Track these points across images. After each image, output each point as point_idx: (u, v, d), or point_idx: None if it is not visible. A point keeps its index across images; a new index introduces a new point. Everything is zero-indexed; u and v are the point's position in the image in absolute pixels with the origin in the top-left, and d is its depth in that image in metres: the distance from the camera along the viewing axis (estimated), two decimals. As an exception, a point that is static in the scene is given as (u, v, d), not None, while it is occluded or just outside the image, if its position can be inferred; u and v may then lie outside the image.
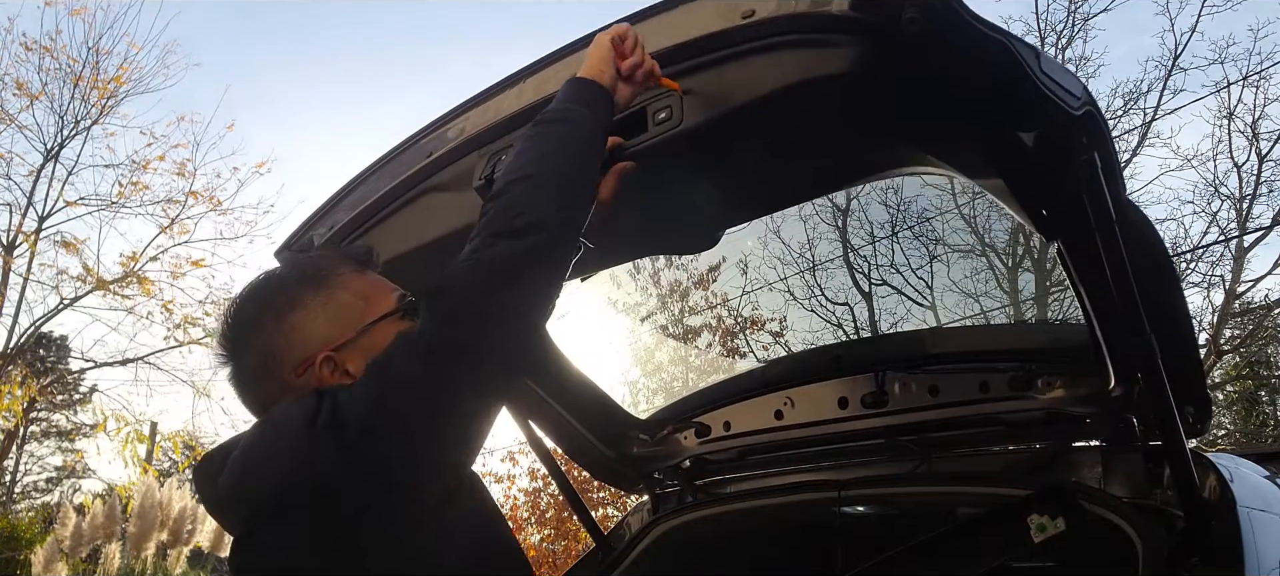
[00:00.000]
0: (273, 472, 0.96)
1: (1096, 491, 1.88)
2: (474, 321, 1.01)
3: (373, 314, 1.12)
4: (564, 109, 1.20)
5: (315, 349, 1.08)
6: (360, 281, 1.15)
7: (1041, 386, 1.98)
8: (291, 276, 1.15)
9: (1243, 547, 1.54)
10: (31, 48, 12.41)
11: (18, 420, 11.65)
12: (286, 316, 1.09)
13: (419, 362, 0.97)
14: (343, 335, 1.09)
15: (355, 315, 1.11)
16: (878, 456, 2.35)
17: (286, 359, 1.08)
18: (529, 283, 1.04)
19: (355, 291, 1.13)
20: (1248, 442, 17.03)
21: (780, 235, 4.69)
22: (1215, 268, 13.04)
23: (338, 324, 1.10)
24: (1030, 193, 1.35)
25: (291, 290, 1.12)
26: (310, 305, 1.10)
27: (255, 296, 1.14)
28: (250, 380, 1.11)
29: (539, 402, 2.31)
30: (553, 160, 1.14)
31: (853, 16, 1.07)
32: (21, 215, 12.74)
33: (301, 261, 1.20)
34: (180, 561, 10.91)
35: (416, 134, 1.62)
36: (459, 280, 1.02)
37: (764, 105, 1.22)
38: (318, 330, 1.09)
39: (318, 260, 1.19)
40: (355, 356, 1.08)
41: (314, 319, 1.09)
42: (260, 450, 1.00)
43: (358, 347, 1.08)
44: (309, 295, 1.11)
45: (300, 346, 1.08)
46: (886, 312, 5.84)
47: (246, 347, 1.10)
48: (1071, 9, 12.45)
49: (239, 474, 1.00)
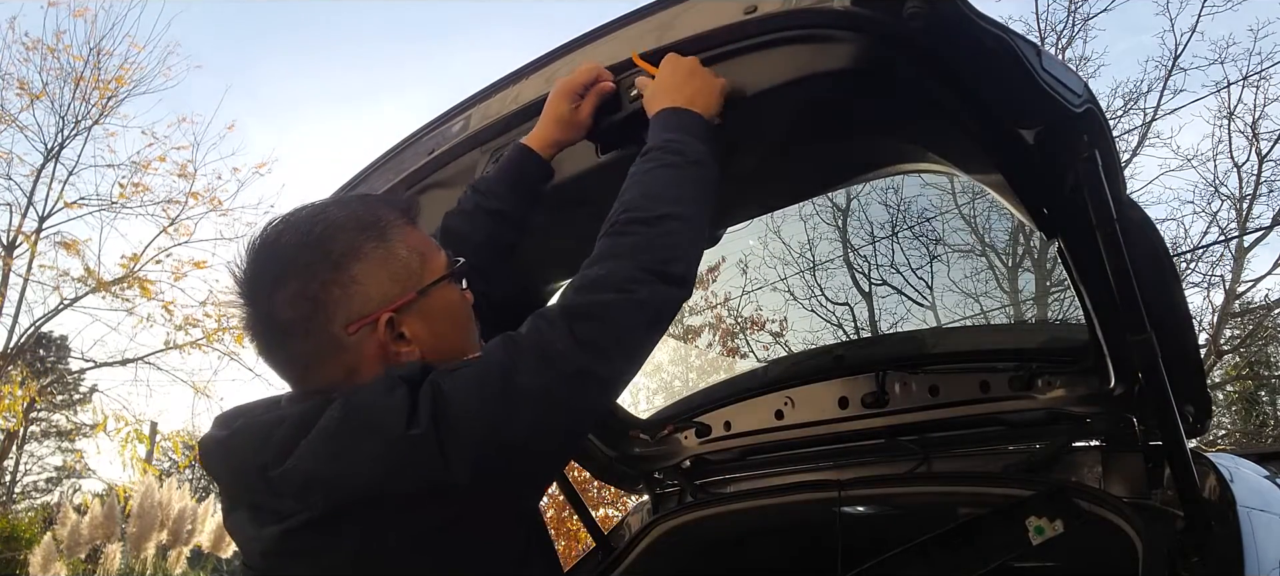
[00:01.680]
0: (363, 474, 0.87)
1: (1096, 491, 1.88)
2: (620, 357, 0.99)
3: (430, 274, 1.05)
4: (702, 151, 1.16)
5: (375, 307, 0.98)
6: (414, 236, 1.06)
7: (1042, 386, 1.98)
8: (345, 220, 1.01)
9: (1243, 547, 1.54)
10: (33, 47, 12.42)
11: (18, 420, 11.64)
12: (346, 266, 0.98)
13: (544, 379, 0.92)
14: (403, 295, 1.00)
15: (414, 273, 1.03)
16: (878, 456, 2.35)
17: (338, 313, 0.97)
18: (661, 331, 1.04)
19: (412, 247, 1.04)
20: (1248, 442, 17.03)
21: (780, 235, 4.69)
22: (1215, 268, 13.05)
23: (398, 282, 1.01)
24: (1031, 190, 1.35)
25: (349, 236, 1.00)
26: (371, 257, 1.00)
27: (302, 236, 1.00)
28: (282, 331, 0.98)
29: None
30: (700, 210, 1.12)
31: (855, 12, 1.07)
32: (21, 215, 12.75)
33: (352, 204, 1.05)
34: (180, 561, 10.92)
35: (417, 132, 1.62)
36: (611, 310, 0.98)
37: (765, 101, 1.23)
38: (379, 286, 0.99)
39: (372, 206, 1.06)
40: (413, 319, 1.01)
41: (375, 273, 0.99)
42: (346, 444, 0.89)
43: (417, 309, 1.01)
44: (370, 245, 1.00)
45: (360, 301, 0.97)
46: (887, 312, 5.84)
47: (283, 292, 0.97)
48: (1071, 9, 12.45)
49: (312, 460, 0.89)
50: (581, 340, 0.95)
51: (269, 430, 0.94)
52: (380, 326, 0.98)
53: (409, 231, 1.05)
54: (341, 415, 0.90)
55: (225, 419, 1.02)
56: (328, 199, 1.06)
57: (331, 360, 0.98)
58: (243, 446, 0.96)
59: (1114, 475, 1.96)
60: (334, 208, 1.03)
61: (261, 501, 0.94)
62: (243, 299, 1.01)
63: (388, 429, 0.87)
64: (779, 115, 1.28)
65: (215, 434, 1.00)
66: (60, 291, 12.34)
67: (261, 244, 1.01)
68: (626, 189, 1.12)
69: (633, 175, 1.14)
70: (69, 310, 12.50)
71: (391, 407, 0.88)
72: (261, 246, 1.01)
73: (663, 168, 1.13)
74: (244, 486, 0.96)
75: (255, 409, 1.02)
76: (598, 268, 1.02)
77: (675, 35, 1.28)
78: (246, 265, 1.00)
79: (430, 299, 1.03)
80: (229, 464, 0.98)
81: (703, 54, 1.25)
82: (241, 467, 0.96)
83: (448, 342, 1.05)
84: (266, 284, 0.98)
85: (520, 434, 0.91)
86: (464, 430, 0.87)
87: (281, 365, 1.01)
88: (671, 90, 1.22)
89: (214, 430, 1.01)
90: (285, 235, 1.00)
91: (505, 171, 1.36)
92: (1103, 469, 1.99)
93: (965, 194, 5.57)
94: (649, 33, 1.32)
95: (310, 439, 0.90)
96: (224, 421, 1.02)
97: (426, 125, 1.61)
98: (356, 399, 0.91)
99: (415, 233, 1.06)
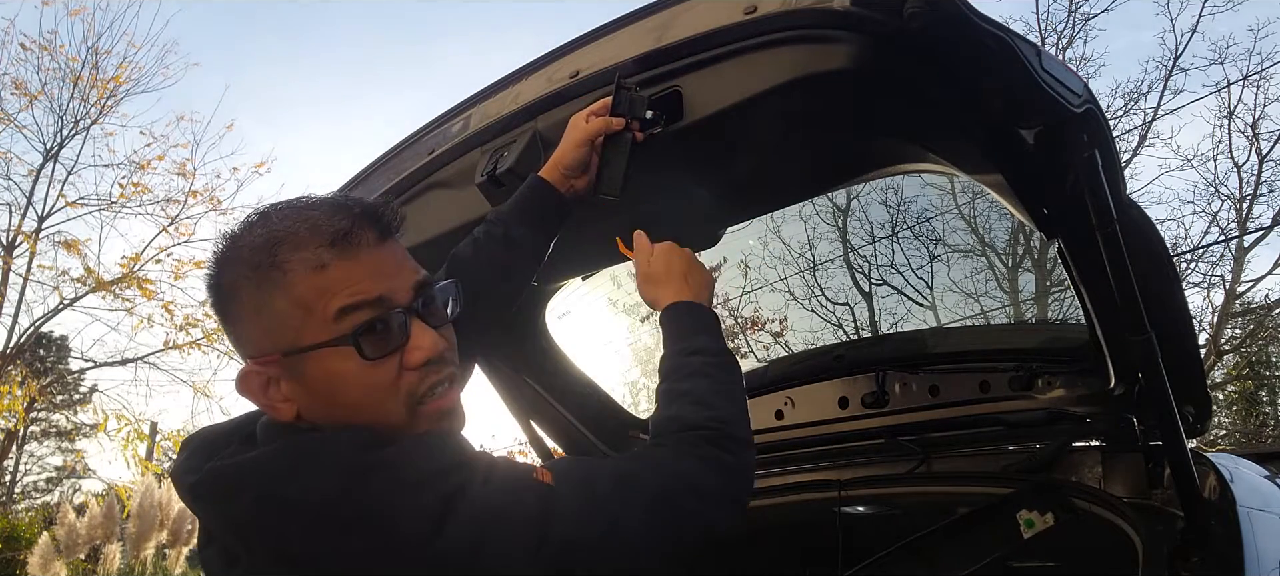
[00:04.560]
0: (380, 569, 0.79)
1: (1096, 491, 1.88)
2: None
3: (308, 337, 0.88)
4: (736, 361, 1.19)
5: (252, 353, 0.91)
6: (312, 282, 0.88)
7: (1042, 386, 1.98)
8: (244, 249, 0.90)
9: (1243, 547, 1.54)
10: (30, 47, 12.43)
11: (18, 420, 11.64)
12: (227, 304, 0.92)
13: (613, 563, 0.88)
14: (271, 353, 0.90)
15: (289, 331, 0.89)
16: (878, 456, 2.35)
17: (239, 351, 0.94)
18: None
19: (298, 299, 0.89)
20: (1248, 442, 17.04)
21: (780, 235, 4.69)
22: (1215, 268, 13.08)
23: (271, 337, 0.89)
24: (1031, 190, 1.35)
25: (235, 271, 0.91)
26: (247, 302, 0.90)
27: (217, 252, 0.92)
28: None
29: (540, 402, 2.31)
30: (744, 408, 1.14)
31: (855, 12, 1.07)
32: (21, 215, 12.76)
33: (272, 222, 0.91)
34: (180, 561, 10.91)
35: (418, 131, 1.63)
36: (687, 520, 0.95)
37: (765, 102, 1.22)
38: (252, 335, 0.91)
39: (281, 237, 0.89)
40: (287, 381, 0.91)
41: (249, 320, 0.91)
42: (352, 536, 0.79)
43: (289, 370, 0.90)
44: (248, 288, 0.90)
45: (244, 343, 0.92)
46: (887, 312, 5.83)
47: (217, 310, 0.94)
48: (1072, 9, 12.48)
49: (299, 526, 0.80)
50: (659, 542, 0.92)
51: (232, 480, 0.84)
52: (257, 377, 0.90)
53: (307, 279, 0.86)
54: (357, 495, 0.80)
55: (191, 458, 0.93)
56: (278, 205, 0.94)
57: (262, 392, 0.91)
58: (207, 493, 0.86)
59: (1114, 475, 1.96)
60: (256, 225, 0.90)
61: (235, 550, 0.86)
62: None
63: (403, 529, 0.79)
64: (779, 116, 1.28)
65: (185, 478, 0.90)
66: (60, 291, 12.37)
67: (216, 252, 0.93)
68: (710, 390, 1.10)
69: (707, 373, 1.13)
70: (69, 310, 12.54)
71: (417, 502, 0.80)
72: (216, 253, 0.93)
73: (739, 387, 1.15)
74: (210, 533, 0.91)
75: (216, 440, 0.96)
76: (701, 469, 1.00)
77: (675, 35, 1.28)
78: None
79: (303, 364, 0.88)
80: (196, 509, 0.90)
81: (701, 55, 1.25)
82: (205, 515, 0.90)
83: (323, 411, 0.91)
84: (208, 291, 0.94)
85: None
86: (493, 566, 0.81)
87: None
88: (682, 275, 1.29)
89: (183, 470, 0.91)
90: (219, 245, 0.93)
91: (524, 206, 1.34)
92: (1103, 469, 1.99)
93: (965, 194, 5.57)
94: (649, 33, 1.31)
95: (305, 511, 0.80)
96: (189, 455, 0.94)
97: (426, 125, 1.61)
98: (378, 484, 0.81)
99: (316, 279, 0.87)
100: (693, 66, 1.28)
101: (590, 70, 1.38)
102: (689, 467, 0.99)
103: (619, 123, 1.31)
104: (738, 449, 1.05)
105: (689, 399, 1.09)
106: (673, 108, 1.30)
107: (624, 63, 1.32)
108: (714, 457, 1.02)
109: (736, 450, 1.05)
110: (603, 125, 1.31)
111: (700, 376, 1.13)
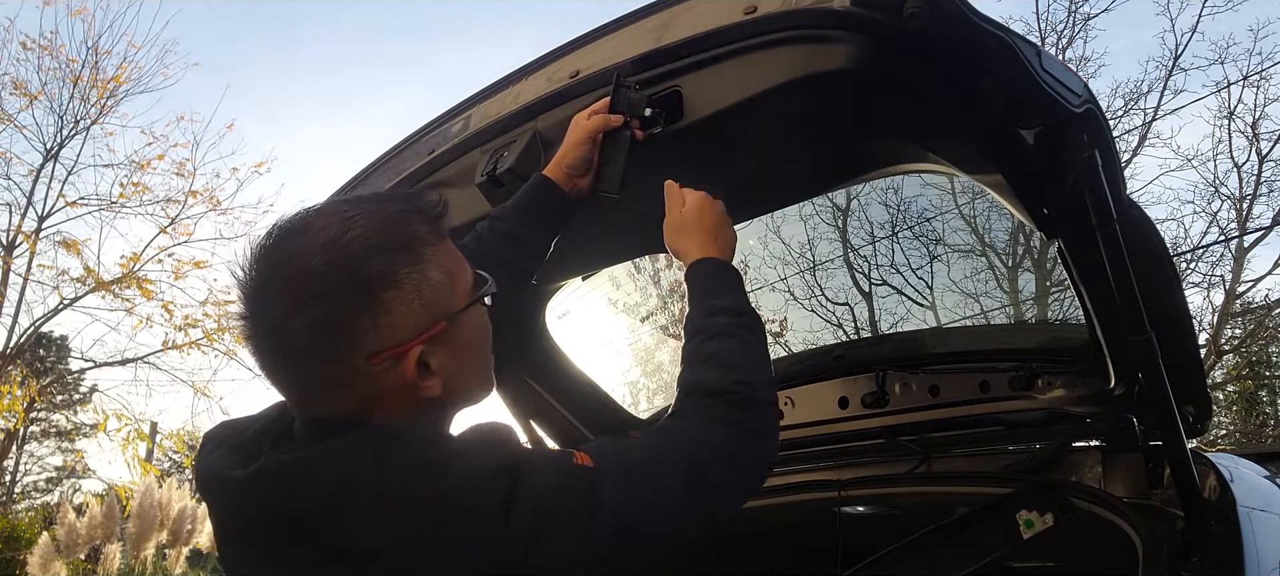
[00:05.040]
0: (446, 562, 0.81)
1: (1096, 491, 1.88)
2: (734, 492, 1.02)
3: (460, 298, 0.96)
4: (759, 319, 1.21)
5: (405, 338, 0.89)
6: (445, 252, 0.96)
7: (1042, 386, 1.98)
8: (378, 238, 0.90)
9: (1243, 547, 1.54)
10: (30, 47, 12.42)
11: (18, 420, 11.64)
12: (378, 295, 0.88)
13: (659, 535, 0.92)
14: (434, 325, 0.91)
15: (445, 298, 0.93)
16: (878, 456, 2.35)
17: (364, 343, 0.87)
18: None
19: (444, 268, 0.95)
20: (1248, 442, 17.05)
21: (780, 235, 4.69)
22: (1215, 268, 13.08)
23: (429, 310, 0.91)
24: (1031, 190, 1.35)
25: (383, 259, 0.89)
26: (405, 284, 0.89)
27: (331, 253, 0.87)
28: (295, 353, 0.87)
29: (540, 402, 2.31)
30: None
31: (855, 12, 1.07)
32: (21, 215, 12.75)
33: (382, 215, 0.92)
34: (180, 561, 10.91)
35: (418, 131, 1.63)
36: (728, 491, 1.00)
37: (765, 102, 1.22)
38: (410, 316, 0.89)
39: (404, 221, 0.94)
40: (440, 350, 0.92)
41: (408, 303, 0.89)
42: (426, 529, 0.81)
43: (445, 339, 0.93)
44: (404, 270, 0.90)
45: (389, 332, 0.88)
46: (887, 312, 5.83)
47: (304, 315, 0.86)
48: (1072, 9, 12.47)
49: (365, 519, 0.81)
50: (698, 517, 0.96)
51: (294, 477, 0.85)
52: (409, 360, 0.89)
53: (440, 247, 0.95)
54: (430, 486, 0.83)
55: (229, 455, 0.93)
56: (348, 201, 0.95)
57: (346, 389, 0.89)
58: (260, 490, 0.87)
59: (1114, 475, 1.96)
60: (362, 219, 0.90)
61: (287, 557, 0.86)
62: (249, 309, 0.90)
63: (480, 508, 0.82)
64: (779, 116, 1.28)
65: (228, 473, 0.90)
66: (60, 291, 12.36)
67: (279, 253, 0.89)
68: (735, 351, 1.13)
69: (731, 333, 1.15)
70: (69, 310, 12.53)
71: (482, 490, 0.83)
72: (280, 257, 0.89)
73: (763, 347, 1.17)
74: (253, 532, 0.89)
75: (247, 441, 0.95)
76: (727, 433, 1.02)
77: (675, 35, 1.28)
78: (257, 272, 0.89)
79: (458, 326, 0.95)
80: (242, 506, 0.89)
81: (701, 55, 1.25)
82: (254, 513, 0.88)
83: (469, 371, 0.99)
84: (284, 301, 0.87)
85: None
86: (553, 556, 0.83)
87: (287, 386, 0.92)
88: (709, 232, 1.28)
89: (220, 462, 0.92)
90: (310, 249, 0.87)
91: (527, 203, 1.35)
92: (1103, 469, 1.99)
93: (965, 194, 5.57)
94: (649, 33, 1.31)
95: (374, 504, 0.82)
96: (227, 452, 0.94)
97: (426, 125, 1.61)
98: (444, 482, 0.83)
99: (445, 247, 0.96)
100: (693, 66, 1.28)
101: (590, 70, 1.38)
102: (717, 435, 1.02)
103: (617, 119, 1.32)
104: (762, 410, 1.08)
105: (714, 362, 1.11)
106: (673, 107, 1.31)
107: (623, 63, 1.32)
108: (740, 421, 1.04)
109: (761, 412, 1.08)
110: (602, 121, 1.32)
111: (725, 337, 1.14)
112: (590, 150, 1.33)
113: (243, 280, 0.90)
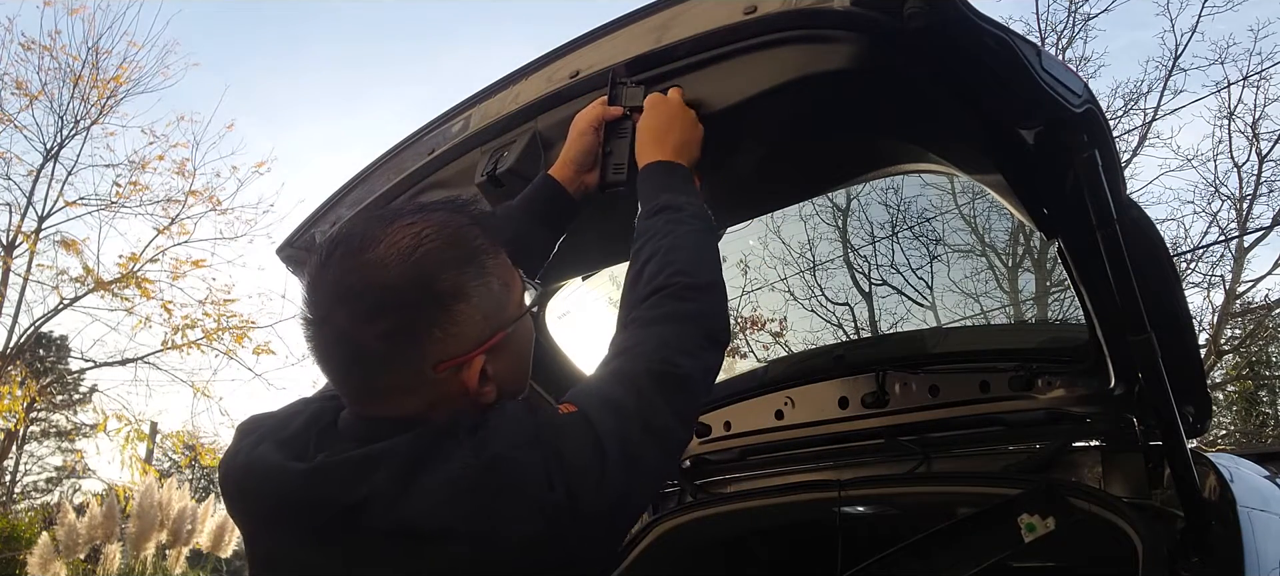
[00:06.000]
0: (516, 532, 0.85)
1: (1096, 491, 1.88)
2: (693, 425, 1.05)
3: (515, 308, 1.01)
4: (701, 208, 1.23)
5: (470, 347, 0.93)
6: (501, 263, 1.00)
7: (1042, 386, 1.98)
8: (449, 251, 0.94)
9: (1243, 547, 1.54)
10: (31, 47, 12.41)
11: (18, 420, 11.64)
12: (451, 307, 0.92)
13: (654, 455, 0.97)
14: (495, 334, 0.96)
15: (503, 308, 0.98)
16: (878, 456, 2.35)
17: (432, 352, 0.91)
18: None
19: (502, 279, 0.99)
20: (1248, 442, 17.05)
21: (780, 235, 4.69)
22: (1215, 268, 13.07)
23: (491, 321, 0.96)
24: (1031, 190, 1.35)
25: (455, 273, 0.93)
26: (473, 296, 0.94)
27: (407, 267, 0.91)
28: (363, 359, 0.91)
29: (539, 402, 2.31)
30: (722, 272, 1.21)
31: (855, 12, 1.07)
32: (21, 215, 12.75)
33: (450, 227, 0.96)
34: (180, 561, 10.91)
35: (418, 131, 1.63)
36: (694, 381, 1.03)
37: (765, 102, 1.22)
38: (476, 327, 0.94)
39: (467, 233, 0.97)
40: (497, 357, 0.97)
41: (475, 314, 0.94)
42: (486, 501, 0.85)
43: (502, 346, 0.98)
44: (473, 283, 0.94)
45: (456, 342, 0.92)
46: (887, 312, 5.82)
47: (378, 324, 0.89)
48: (1072, 9, 12.47)
49: (448, 512, 0.85)
50: (678, 413, 1.00)
51: (360, 470, 0.87)
52: (473, 368, 0.94)
53: (499, 259, 0.99)
54: (485, 466, 0.86)
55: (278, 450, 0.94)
56: (412, 211, 0.98)
57: (411, 394, 0.93)
58: (325, 482, 0.89)
59: (1114, 475, 1.96)
60: (432, 232, 0.94)
61: (343, 546, 0.88)
62: (317, 315, 0.92)
63: (527, 483, 0.86)
64: (779, 116, 1.28)
65: (287, 465, 0.92)
66: (60, 291, 12.36)
67: (351, 264, 0.91)
68: (669, 247, 1.14)
69: (667, 232, 1.16)
70: (69, 310, 12.51)
71: (530, 466, 0.87)
72: (352, 267, 0.91)
73: (699, 233, 1.18)
74: (307, 523, 0.90)
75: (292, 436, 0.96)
76: (669, 329, 1.05)
77: (675, 35, 1.28)
78: (326, 274, 0.92)
79: (514, 334, 1.01)
80: (304, 497, 0.90)
81: (701, 55, 1.25)
82: (316, 504, 0.89)
83: (518, 375, 1.05)
84: (358, 310, 0.90)
85: (635, 510, 0.98)
86: (588, 502, 0.88)
87: (350, 388, 0.96)
88: (661, 135, 1.26)
89: (271, 453, 0.94)
90: (386, 262, 0.90)
91: (532, 203, 1.35)
92: (1103, 469, 1.99)
93: (965, 194, 5.56)
94: (649, 33, 1.31)
95: (438, 488, 0.86)
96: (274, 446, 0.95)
97: (427, 125, 1.61)
98: (496, 455, 0.87)
99: (502, 258, 1.00)
100: (693, 67, 1.28)
101: (590, 70, 1.38)
102: (667, 333, 1.05)
103: (617, 111, 1.33)
104: (700, 294, 1.11)
105: (653, 261, 1.13)
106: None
107: (623, 63, 1.32)
108: (681, 312, 1.08)
109: (698, 296, 1.10)
110: (602, 110, 1.33)
111: (661, 236, 1.16)
112: (594, 140, 1.34)
113: (311, 284, 0.94)
